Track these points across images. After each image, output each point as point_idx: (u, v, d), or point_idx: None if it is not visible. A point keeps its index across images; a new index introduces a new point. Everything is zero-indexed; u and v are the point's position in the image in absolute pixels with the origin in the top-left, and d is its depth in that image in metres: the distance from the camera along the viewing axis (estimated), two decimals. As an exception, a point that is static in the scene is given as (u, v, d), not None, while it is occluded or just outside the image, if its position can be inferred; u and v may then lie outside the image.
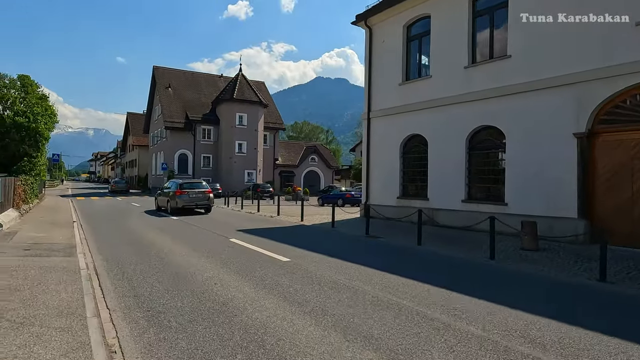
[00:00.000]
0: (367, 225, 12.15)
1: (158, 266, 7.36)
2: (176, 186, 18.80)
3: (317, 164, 50.46)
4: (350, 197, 28.01)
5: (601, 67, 9.82)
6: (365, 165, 17.02)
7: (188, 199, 18.36)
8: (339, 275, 6.77)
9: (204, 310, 4.89)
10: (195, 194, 18.65)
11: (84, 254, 8.53)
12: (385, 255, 9.02)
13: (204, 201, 18.76)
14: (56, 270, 6.82)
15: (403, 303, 5.22)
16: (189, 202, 18.38)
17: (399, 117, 15.42)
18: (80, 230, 12.24)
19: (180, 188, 18.54)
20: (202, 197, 18.75)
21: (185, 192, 18.44)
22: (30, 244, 9.21)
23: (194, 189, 18.89)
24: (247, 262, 7.77)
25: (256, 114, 42.02)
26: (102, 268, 7.24)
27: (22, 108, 17.11)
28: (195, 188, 18.99)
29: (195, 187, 19.07)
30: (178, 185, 18.80)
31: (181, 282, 6.24)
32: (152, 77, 45.83)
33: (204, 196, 18.81)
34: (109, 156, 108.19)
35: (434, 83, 14.13)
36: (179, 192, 18.33)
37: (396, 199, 15.44)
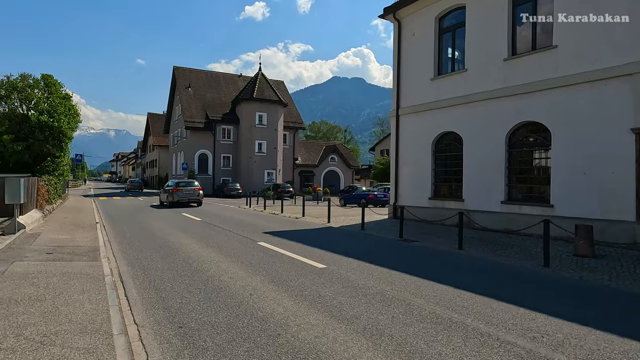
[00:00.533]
0: (401, 227, 11.47)
1: (186, 272, 6.86)
2: (174, 184, 23.16)
3: (337, 163, 49.81)
4: (374, 197, 27.26)
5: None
6: (393, 165, 16.31)
7: (182, 194, 22.43)
8: (384, 285, 6.14)
9: (243, 327, 4.32)
10: (188, 191, 22.73)
11: (108, 258, 8.12)
12: (426, 261, 8.34)
13: (194, 196, 22.88)
14: (79, 276, 6.38)
15: (468, 322, 4.55)
16: (183, 197, 22.41)
17: (431, 114, 14.67)
18: (103, 232, 11.91)
19: (177, 186, 22.80)
20: (193, 193, 22.89)
21: (180, 189, 22.60)
22: (53, 247, 8.86)
23: (187, 187, 23.03)
24: (280, 268, 7.20)
25: (276, 113, 41.62)
26: (127, 274, 6.77)
27: (46, 107, 17.00)
28: (188, 186, 23.14)
29: (188, 186, 23.19)
30: (175, 184, 23.14)
31: (213, 291, 5.71)
32: (172, 78, 45.94)
33: (195, 192, 22.95)
34: (130, 156, 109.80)
35: (469, 77, 13.35)
36: (176, 189, 22.46)
37: (428, 199, 14.70)
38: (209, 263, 7.65)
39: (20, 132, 16.63)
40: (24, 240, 9.66)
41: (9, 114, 16.98)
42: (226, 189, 36.47)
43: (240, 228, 13.09)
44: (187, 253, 8.68)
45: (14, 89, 16.67)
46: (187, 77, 44.46)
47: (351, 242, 10.62)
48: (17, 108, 17.38)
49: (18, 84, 16.75)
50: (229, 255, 8.47)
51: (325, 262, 7.77)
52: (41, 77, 17.44)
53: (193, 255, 8.47)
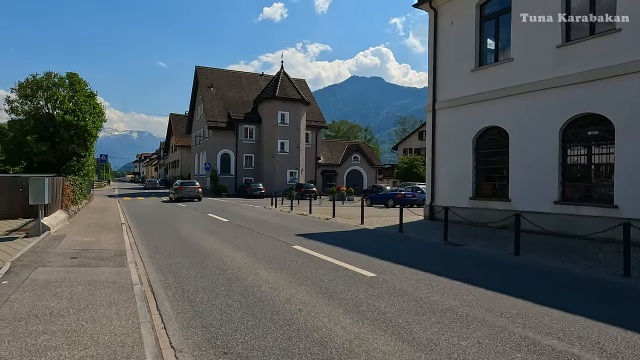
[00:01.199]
0: (446, 230, 10.57)
1: (221, 281, 6.16)
2: (179, 184, 28.80)
3: (360, 162, 48.87)
4: (402, 197, 26.24)
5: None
6: (429, 163, 15.37)
7: (185, 192, 27.78)
8: (450, 298, 5.30)
9: (300, 355, 3.57)
10: (190, 189, 28.10)
11: (135, 263, 7.51)
12: (484, 269, 7.46)
13: (195, 193, 28.05)
14: (106, 285, 5.76)
15: (585, 356, 3.68)
16: (185, 194, 27.73)
17: (471, 108, 13.69)
18: (129, 233, 11.40)
19: (181, 185, 28.49)
20: (194, 191, 28.10)
21: (184, 187, 28.12)
22: (77, 251, 8.32)
23: (189, 186, 28.56)
24: (325, 277, 6.44)
25: (298, 112, 40.99)
26: (158, 283, 6.12)
27: (71, 106, 16.70)
28: (190, 185, 28.65)
29: (190, 185, 28.70)
30: (180, 184, 28.82)
31: (255, 305, 4.99)
32: (194, 77, 45.84)
33: (195, 190, 28.17)
34: (152, 157, 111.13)
35: (516, 67, 12.33)
36: (180, 188, 27.98)
37: (468, 199, 13.72)
38: (245, 270, 6.94)
39: (45, 131, 16.38)
40: (48, 243, 9.17)
41: (34, 113, 16.75)
42: (249, 189, 36.00)
43: (271, 230, 12.40)
44: (220, 257, 8.01)
45: (39, 87, 16.42)
46: (210, 76, 44.26)
47: (393, 246, 9.79)
48: (43, 108, 17.15)
49: (43, 82, 16.50)
50: (265, 260, 7.75)
51: (372, 269, 6.98)
52: (66, 75, 17.17)
53: (226, 260, 7.79)
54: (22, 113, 16.71)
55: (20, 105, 16.83)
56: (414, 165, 51.05)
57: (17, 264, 6.84)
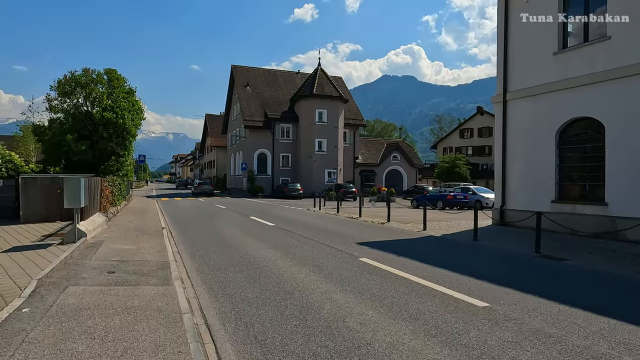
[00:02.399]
0: (538, 240, 8.84)
1: (292, 310, 4.81)
2: (197, 183, 40.37)
3: (399, 162, 46.90)
4: (452, 199, 24.36)
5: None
6: (499, 161, 13.57)
7: (201, 189, 37.46)
8: (620, 349, 3.71)
9: None
10: (205, 187, 38.03)
11: (182, 279, 6.30)
12: (622, 296, 5.76)
13: (208, 190, 37.44)
14: (149, 315, 4.52)
15: None
16: (201, 190, 37.24)
17: (554, 97, 11.85)
18: (171, 240, 10.31)
19: (198, 184, 39.35)
20: (207, 189, 37.62)
21: (200, 186, 38.48)
22: (115, 263, 7.21)
23: (204, 185, 39.15)
24: (424, 306, 4.96)
25: (336, 110, 39.58)
26: (212, 311, 4.83)
27: (110, 103, 15.95)
28: (205, 184, 39.21)
29: (205, 184, 39.27)
30: (198, 183, 40.29)
31: (350, 352, 3.58)
32: (230, 76, 45.30)
33: (209, 188, 37.94)
34: (187, 158, 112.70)
35: (614, 46, 10.42)
36: (198, 186, 38.44)
37: (550, 203, 11.87)
38: (315, 293, 5.56)
39: (83, 129, 15.71)
40: (84, 252, 8.14)
41: (73, 111, 16.13)
42: (286, 189, 34.90)
43: (325, 236, 11.02)
44: (279, 274, 6.68)
45: (77, 84, 15.76)
46: (245, 75, 43.56)
47: (478, 260, 8.19)
48: (82, 106, 16.51)
49: (81, 79, 15.83)
50: (334, 279, 6.35)
51: (478, 295, 5.44)
52: (104, 71, 16.48)
53: (287, 277, 6.45)
54: (61, 111, 16.11)
55: (59, 103, 16.26)
56: (456, 165, 48.64)
57: (46, 281, 5.74)
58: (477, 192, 25.38)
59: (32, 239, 9.44)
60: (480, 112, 59.91)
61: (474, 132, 59.81)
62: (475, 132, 59.52)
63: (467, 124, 62.14)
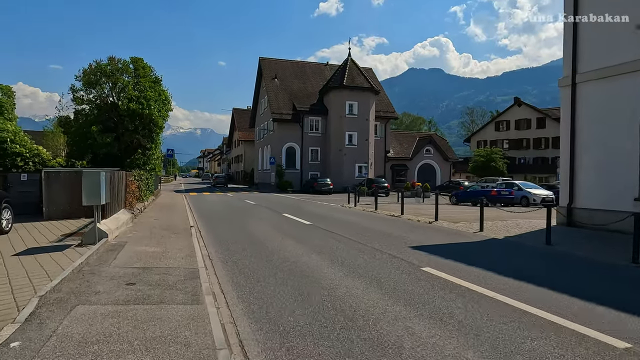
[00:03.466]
0: (636, 245, 7.29)
1: (361, 346, 3.57)
2: (215, 177, 50.68)
3: (433, 156, 44.96)
4: (497, 195, 22.60)
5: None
6: (566, 152, 11.93)
7: (218, 181, 46.41)
8: None
9: None
10: (220, 179, 47.04)
11: (214, 293, 5.19)
12: None
13: (223, 182, 46.34)
14: (173, 351, 3.39)
15: None
16: (218, 182, 45.99)
17: (635, 77, 10.13)
18: (200, 241, 9.28)
19: (216, 177, 49.23)
20: (223, 181, 46.79)
21: (217, 178, 47.72)
22: (136, 271, 6.17)
23: (220, 177, 48.36)
24: (548, 349, 3.64)
25: (367, 102, 38.05)
26: (257, 348, 3.65)
27: (135, 93, 15.10)
28: (220, 177, 48.44)
29: (220, 177, 48.43)
30: (215, 176, 50.56)
31: None
32: (258, 69, 44.39)
33: (225, 180, 47.48)
34: (215, 153, 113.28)
35: None
36: (215, 179, 47.82)
37: (633, 201, 10.19)
38: (385, 320, 4.29)
39: (109, 121, 14.95)
40: (102, 256, 7.16)
41: (98, 102, 15.39)
42: (316, 184, 33.73)
43: (371, 238, 9.75)
44: (330, 288, 5.45)
45: (103, 74, 14.99)
46: (274, 67, 42.55)
47: (570, 273, 6.73)
48: (107, 96, 15.77)
49: (107, 68, 15.06)
50: (400, 297, 5.08)
51: (608, 329, 4.07)
52: (130, 60, 15.65)
53: (341, 294, 5.22)
54: (87, 102, 15.41)
55: (85, 94, 15.57)
56: (492, 159, 46.27)
57: (50, 298, 4.71)
58: (523, 187, 23.52)
59: (51, 239, 8.59)
60: (517, 103, 56.94)
61: (510, 125, 56.92)
62: (512, 125, 56.63)
63: (502, 116, 59.23)
